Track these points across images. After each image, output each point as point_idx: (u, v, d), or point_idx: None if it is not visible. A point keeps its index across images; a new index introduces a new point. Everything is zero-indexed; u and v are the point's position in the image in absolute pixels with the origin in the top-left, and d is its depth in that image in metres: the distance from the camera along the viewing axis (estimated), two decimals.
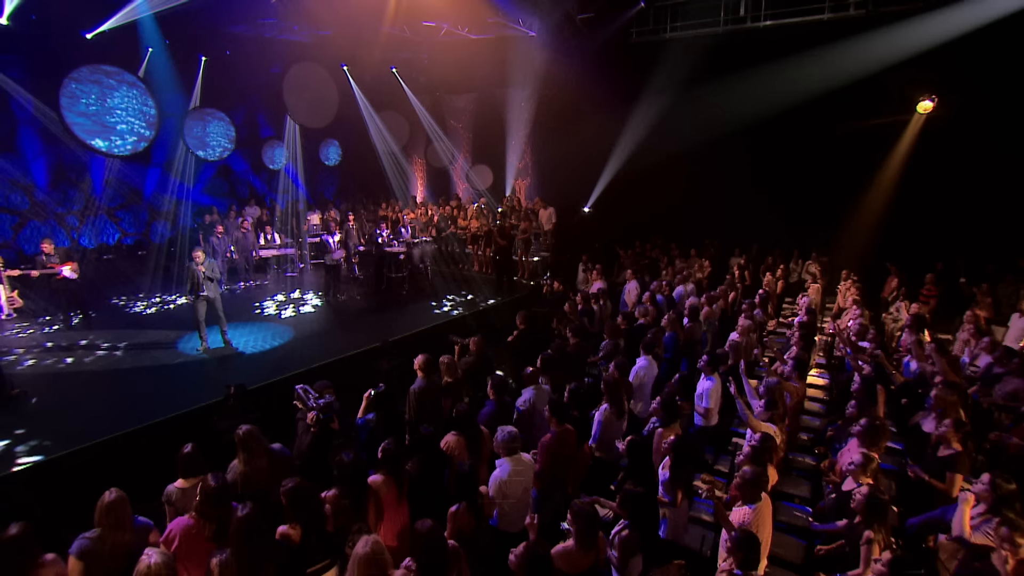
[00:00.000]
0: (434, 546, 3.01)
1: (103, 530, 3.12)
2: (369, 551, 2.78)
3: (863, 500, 3.45)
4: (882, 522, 3.41)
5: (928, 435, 4.63)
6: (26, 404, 6.07)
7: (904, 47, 9.31)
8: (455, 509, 3.43)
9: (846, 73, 9.88)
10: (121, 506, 3.18)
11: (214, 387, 6.20)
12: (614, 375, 5.01)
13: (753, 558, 3.09)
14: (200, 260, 7.34)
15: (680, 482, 3.98)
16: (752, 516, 3.48)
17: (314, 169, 16.26)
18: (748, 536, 3.09)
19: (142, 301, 9.93)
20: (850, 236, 10.89)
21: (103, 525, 3.12)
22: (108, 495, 3.17)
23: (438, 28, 13.85)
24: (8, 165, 10.63)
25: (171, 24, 10.98)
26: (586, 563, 3.17)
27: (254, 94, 13.31)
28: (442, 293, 10.91)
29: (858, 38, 9.68)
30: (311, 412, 4.40)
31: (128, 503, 3.21)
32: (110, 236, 12.09)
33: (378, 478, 3.68)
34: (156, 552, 2.70)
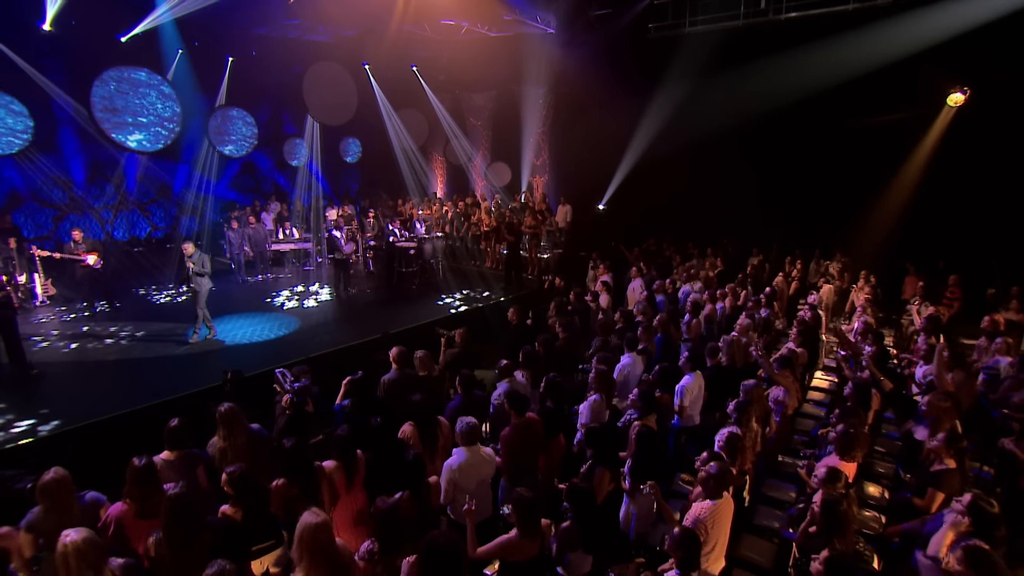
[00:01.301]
0: (392, 522, 3.08)
1: (42, 509, 3.21)
2: (319, 523, 2.84)
3: (819, 510, 3.31)
4: (841, 535, 3.26)
5: (920, 443, 4.41)
6: (39, 383, 6.45)
7: (934, 34, 8.82)
8: (399, 496, 3.48)
9: (871, 62, 9.42)
10: (57, 487, 3.24)
11: (216, 373, 6.45)
12: (602, 368, 4.98)
13: (694, 558, 3.02)
14: (188, 253, 7.58)
15: (642, 472, 3.92)
16: (709, 512, 3.40)
17: (337, 166, 16.67)
18: (688, 535, 3.02)
19: (165, 292, 10.40)
20: (873, 235, 10.42)
21: (42, 505, 3.21)
22: (47, 475, 3.24)
23: (458, 27, 13.97)
24: (49, 162, 11.29)
25: (200, 27, 11.45)
26: (530, 552, 3.17)
27: (278, 93, 13.74)
28: (451, 288, 11.01)
29: (885, 24, 9.21)
30: (286, 395, 4.54)
31: (68, 483, 3.27)
32: (141, 230, 12.71)
33: (330, 464, 3.77)
34: (74, 531, 2.70)
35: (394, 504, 3.13)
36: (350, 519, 3.72)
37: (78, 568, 2.63)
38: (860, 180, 10.63)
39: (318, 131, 14.69)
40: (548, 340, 6.14)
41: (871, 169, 10.52)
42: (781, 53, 10.13)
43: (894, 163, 10.44)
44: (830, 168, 10.72)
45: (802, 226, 11.14)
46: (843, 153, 10.51)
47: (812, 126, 10.59)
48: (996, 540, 3.20)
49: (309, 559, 2.74)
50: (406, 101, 15.72)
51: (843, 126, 10.35)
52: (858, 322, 6.93)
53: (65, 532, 2.73)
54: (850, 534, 3.32)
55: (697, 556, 3.03)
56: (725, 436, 4.09)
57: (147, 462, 3.48)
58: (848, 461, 4.06)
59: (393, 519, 3.10)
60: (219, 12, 10.91)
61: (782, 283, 9.15)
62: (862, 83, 9.59)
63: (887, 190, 10.50)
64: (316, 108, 13.29)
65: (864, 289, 8.51)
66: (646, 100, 12.59)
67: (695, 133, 11.40)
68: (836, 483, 3.64)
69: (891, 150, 10.35)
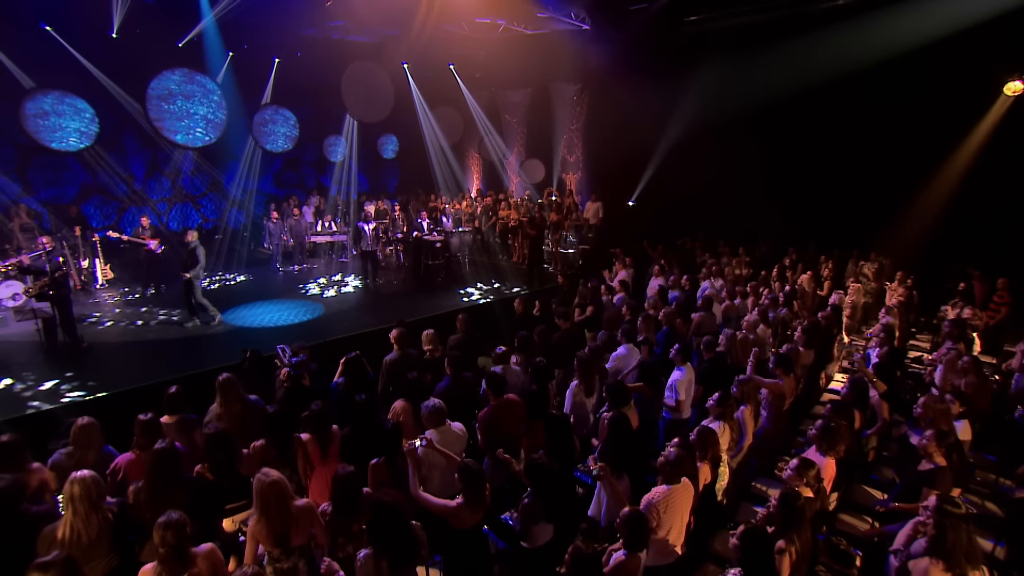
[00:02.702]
0: (347, 489, 3.29)
1: (74, 448, 3.68)
2: (276, 481, 3.08)
3: (776, 505, 3.24)
4: (798, 531, 3.18)
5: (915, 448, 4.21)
6: (87, 355, 7.12)
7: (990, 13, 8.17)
8: (374, 462, 3.68)
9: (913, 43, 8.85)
10: (92, 429, 3.75)
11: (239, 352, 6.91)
12: (585, 355, 5.02)
13: (640, 538, 3.05)
14: (189, 240, 8.23)
15: (609, 458, 3.95)
16: (663, 496, 3.41)
17: (377, 162, 17.25)
18: (634, 516, 3.05)
19: (207, 278, 11.14)
20: (914, 234, 9.82)
21: (75, 443, 3.69)
22: (81, 420, 3.74)
23: (495, 25, 14.18)
24: (114, 160, 12.30)
25: (249, 30, 12.19)
26: (473, 520, 3.29)
27: (320, 92, 14.35)
28: (474, 281, 11.23)
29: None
30: (284, 369, 4.84)
31: (94, 430, 3.76)
32: (192, 221, 13.61)
33: (305, 436, 4.02)
34: (83, 472, 3.06)
35: (349, 473, 3.31)
36: (325, 487, 3.94)
37: (81, 503, 2.99)
38: (903, 176, 10.05)
39: (356, 128, 15.25)
40: (545, 330, 6.21)
41: (915, 164, 9.92)
42: (821, 37, 9.70)
43: (939, 157, 9.80)
44: (871, 164, 10.20)
45: (841, 226, 10.65)
46: (886, 146, 9.96)
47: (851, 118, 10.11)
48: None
49: (260, 511, 2.99)
50: (443, 99, 16.08)
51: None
52: (880, 323, 6.62)
53: (74, 472, 3.10)
54: (807, 533, 3.22)
55: (644, 536, 3.06)
56: (697, 430, 4.07)
57: (152, 417, 3.88)
58: (830, 457, 3.95)
59: (348, 486, 3.29)
60: (269, 16, 11.62)
61: (808, 282, 8.81)
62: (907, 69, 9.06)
63: (931, 186, 9.88)
64: (354, 106, 13.86)
65: (898, 291, 8.08)
66: (680, 95, 12.36)
67: (730, 128, 11.14)
68: (807, 473, 3.55)
69: (938, 143, 9.72)
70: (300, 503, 3.15)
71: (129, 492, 3.32)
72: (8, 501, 3.08)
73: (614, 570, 3.00)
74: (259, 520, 3.02)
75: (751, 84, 10.79)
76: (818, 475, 3.62)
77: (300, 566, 3.08)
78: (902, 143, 9.73)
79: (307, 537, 3.14)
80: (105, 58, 11.05)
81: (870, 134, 10.10)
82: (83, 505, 3.00)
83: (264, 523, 3.01)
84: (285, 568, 3.08)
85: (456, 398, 4.78)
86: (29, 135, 10.37)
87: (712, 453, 4.00)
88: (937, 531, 2.89)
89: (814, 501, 3.57)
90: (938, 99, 9.21)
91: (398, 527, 2.80)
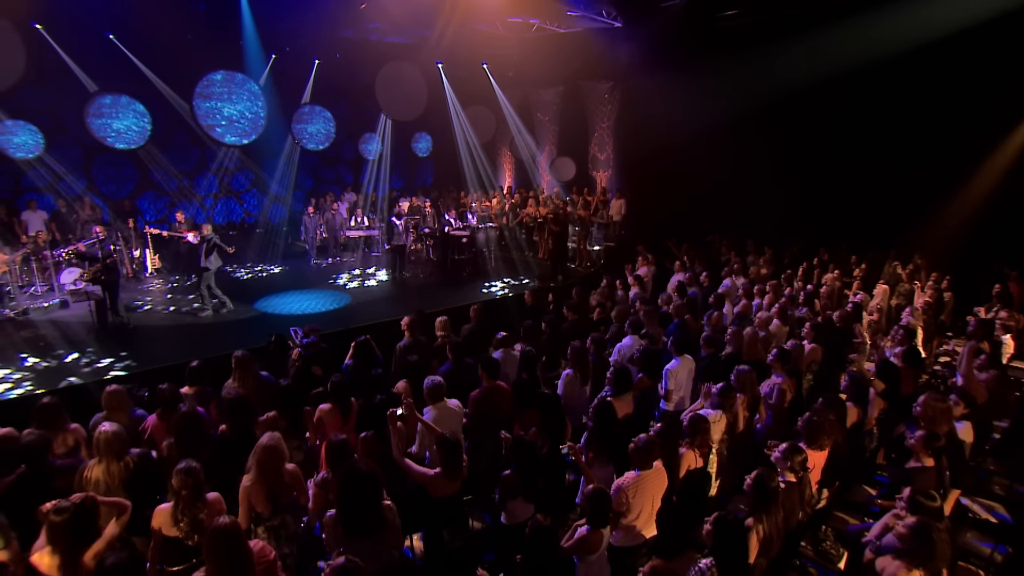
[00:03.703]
0: (339, 455, 3.54)
1: (106, 411, 4.10)
2: (271, 442, 3.36)
3: (751, 485, 3.28)
4: (767, 511, 3.21)
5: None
6: (132, 334, 7.76)
7: None
8: (363, 435, 3.91)
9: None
10: (120, 395, 4.19)
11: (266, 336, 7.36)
12: (579, 345, 5.13)
13: (602, 515, 3.16)
14: (205, 233, 8.67)
15: (595, 444, 4.06)
16: (632, 481, 3.50)
17: (411, 160, 17.70)
18: (598, 493, 3.16)
19: (244, 270, 11.81)
20: (956, 236, 9.35)
21: (107, 407, 4.11)
22: (110, 387, 4.17)
23: (528, 24, 14.35)
24: (167, 157, 13.17)
25: (291, 33, 12.81)
26: (450, 489, 3.48)
27: (357, 91, 14.88)
28: (498, 276, 11.44)
29: None
30: (296, 349, 5.17)
31: (122, 396, 4.19)
32: (236, 215, 14.41)
33: (326, 406, 4.31)
34: (107, 424, 3.54)
35: (341, 441, 3.56)
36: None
37: (105, 452, 3.44)
38: (944, 172, 9.59)
39: (390, 127, 15.72)
40: (554, 321, 6.33)
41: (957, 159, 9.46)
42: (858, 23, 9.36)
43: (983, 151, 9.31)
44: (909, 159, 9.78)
45: (878, 225, 10.26)
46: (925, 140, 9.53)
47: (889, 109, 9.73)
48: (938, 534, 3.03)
49: (256, 469, 3.27)
50: (475, 98, 16.34)
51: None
52: (901, 323, 6.40)
53: (102, 425, 3.56)
54: (778, 515, 3.24)
55: (605, 514, 3.16)
56: (690, 417, 4.12)
57: (170, 387, 4.28)
58: (815, 450, 3.92)
59: (343, 453, 3.54)
60: (309, 19, 12.19)
61: (833, 281, 8.55)
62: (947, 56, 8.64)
63: (973, 182, 9.40)
64: (387, 105, 14.26)
65: (927, 292, 7.76)
66: (711, 90, 12.17)
67: (761, 124, 10.97)
68: (793, 458, 3.56)
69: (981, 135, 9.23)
70: (289, 467, 3.42)
71: (163, 447, 3.73)
72: (34, 454, 3.49)
73: (576, 543, 3.13)
74: (256, 480, 3.30)
75: (783, 76, 10.50)
76: (804, 462, 3.62)
77: (287, 520, 3.37)
78: (943, 136, 9.29)
79: (290, 498, 3.40)
80: (159, 63, 11.86)
81: (909, 127, 9.66)
82: (107, 454, 3.42)
83: (260, 483, 3.29)
84: (275, 525, 3.37)
85: (457, 382, 4.98)
86: (92, 135, 11.26)
87: (701, 440, 4.04)
88: (908, 532, 2.85)
89: (797, 486, 3.57)
90: (982, 88, 8.76)
91: (362, 498, 2.98)
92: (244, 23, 11.82)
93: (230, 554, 2.60)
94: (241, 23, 11.83)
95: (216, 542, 2.59)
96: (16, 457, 3.50)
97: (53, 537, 2.74)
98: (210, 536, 2.61)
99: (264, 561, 2.85)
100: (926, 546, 2.74)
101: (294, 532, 3.41)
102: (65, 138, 11.70)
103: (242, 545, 2.65)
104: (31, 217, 10.71)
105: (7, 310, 8.51)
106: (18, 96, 9.96)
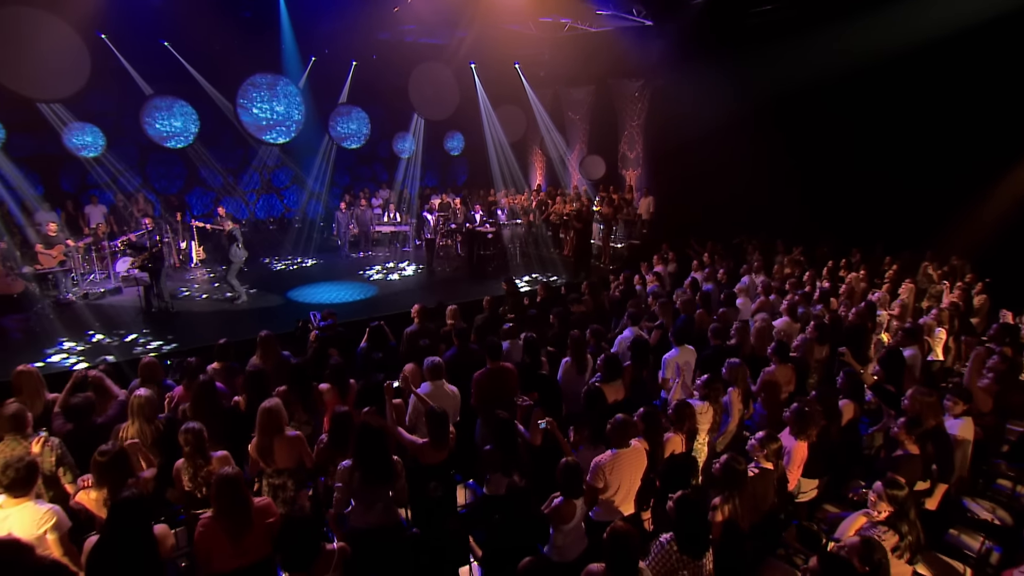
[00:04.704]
0: (340, 425, 3.87)
1: (141, 380, 4.58)
2: (271, 407, 3.72)
3: (719, 468, 3.40)
4: (733, 491, 3.33)
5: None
6: (175, 318, 8.43)
7: None
8: (366, 410, 4.23)
9: None
10: (154, 366, 4.67)
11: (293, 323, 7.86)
12: (577, 334, 5.32)
13: (574, 487, 3.34)
14: (228, 227, 9.25)
15: (585, 428, 4.24)
16: (609, 459, 3.66)
17: (446, 159, 18.15)
18: (570, 466, 3.34)
19: (281, 261, 12.47)
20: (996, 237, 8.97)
21: (141, 376, 4.59)
22: (145, 359, 4.63)
23: (560, 24, 14.52)
24: (213, 155, 14.03)
25: (330, 36, 13.40)
26: (437, 457, 3.75)
27: (391, 92, 15.40)
28: (522, 271, 11.67)
29: None
30: (314, 331, 5.57)
31: (159, 366, 4.67)
32: (276, 210, 15.18)
33: (325, 386, 4.66)
34: (141, 389, 4.00)
35: (343, 412, 3.87)
36: None
37: (138, 415, 3.89)
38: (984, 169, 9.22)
39: (423, 126, 16.19)
40: (562, 312, 6.52)
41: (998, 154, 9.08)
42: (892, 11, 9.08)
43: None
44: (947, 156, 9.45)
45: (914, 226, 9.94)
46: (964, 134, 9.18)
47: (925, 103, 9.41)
48: (908, 523, 3.08)
49: (260, 430, 3.63)
50: (507, 97, 16.61)
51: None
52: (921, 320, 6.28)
53: (136, 391, 4.01)
54: (747, 497, 3.35)
55: (577, 486, 3.35)
56: (676, 403, 4.25)
57: (198, 361, 4.72)
58: (801, 440, 3.98)
59: (343, 423, 3.85)
60: (348, 23, 12.74)
61: (856, 281, 8.38)
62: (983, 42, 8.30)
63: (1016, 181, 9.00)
64: (420, 105, 14.71)
65: (955, 293, 7.52)
66: (742, 88, 12.01)
67: (793, 122, 10.81)
68: (768, 446, 3.65)
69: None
70: (291, 433, 3.77)
71: (179, 411, 4.15)
72: (81, 412, 3.98)
73: (551, 512, 3.33)
74: (259, 439, 3.67)
75: (815, 70, 10.21)
76: (780, 451, 3.71)
77: (288, 483, 3.72)
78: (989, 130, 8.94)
79: (296, 461, 3.74)
80: (207, 67, 12.66)
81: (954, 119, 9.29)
82: (139, 416, 3.87)
83: (262, 441, 3.66)
84: (276, 484, 3.72)
85: (461, 365, 5.25)
86: (147, 135, 12.14)
87: (688, 426, 4.17)
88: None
89: (771, 474, 3.66)
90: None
91: (376, 449, 3.31)
92: (283, 29, 12.48)
93: (232, 499, 2.94)
94: (280, 29, 12.49)
95: (220, 488, 2.93)
96: (66, 415, 4.01)
97: (98, 474, 3.19)
98: (215, 483, 2.96)
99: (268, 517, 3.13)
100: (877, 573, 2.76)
101: (292, 497, 3.75)
102: (123, 138, 12.64)
103: (243, 493, 2.99)
104: (93, 211, 11.66)
105: (70, 294, 9.36)
106: (83, 100, 10.85)
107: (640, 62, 14.14)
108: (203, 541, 2.96)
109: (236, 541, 2.98)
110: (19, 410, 3.60)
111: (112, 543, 2.75)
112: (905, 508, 3.10)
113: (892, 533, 3.09)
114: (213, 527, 2.97)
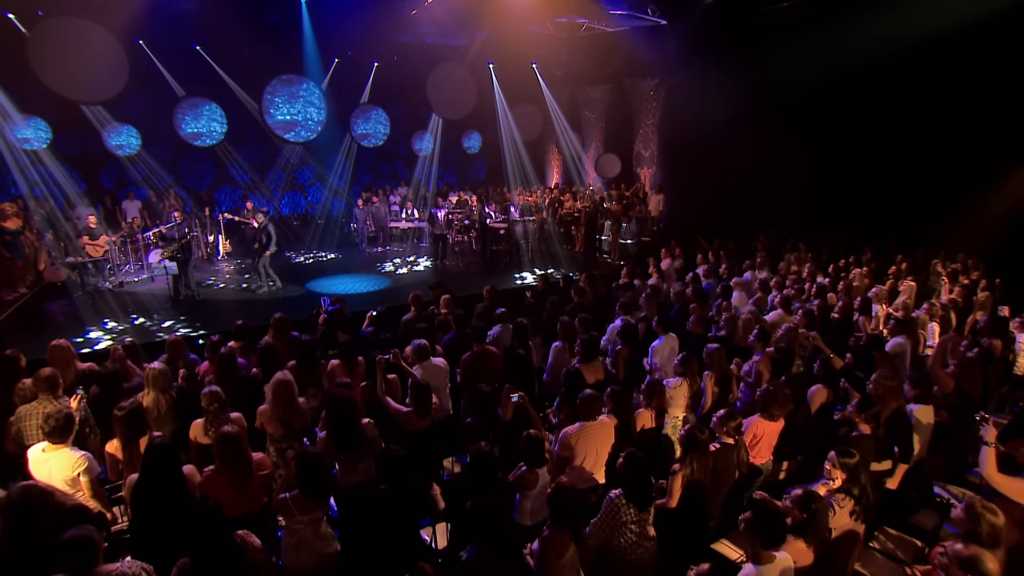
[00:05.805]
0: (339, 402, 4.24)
1: (168, 355, 5.05)
2: (282, 379, 4.12)
3: (682, 435, 3.66)
4: (694, 455, 3.59)
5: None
6: (201, 305, 9.01)
7: None
8: (362, 385, 4.60)
9: None
10: (179, 344, 5.15)
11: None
12: (568, 320, 5.61)
13: (537, 457, 3.63)
14: (259, 222, 9.75)
15: (565, 406, 4.53)
16: (576, 431, 3.95)
17: (464, 157, 18.55)
18: (531, 438, 3.61)
19: (303, 255, 13.04)
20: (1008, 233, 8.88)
21: (168, 352, 5.07)
22: (171, 336, 5.10)
23: (578, 24, 14.75)
24: (241, 154, 14.71)
25: (352, 38, 13.92)
26: (420, 424, 4.10)
27: (412, 91, 15.85)
28: (532, 266, 11.98)
29: None
30: (322, 315, 6.00)
31: (183, 344, 5.15)
32: (300, 207, 15.81)
33: (335, 362, 5.04)
34: (157, 362, 4.47)
35: (346, 383, 4.25)
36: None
37: (154, 385, 4.31)
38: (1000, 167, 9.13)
39: (441, 125, 16.61)
40: (558, 302, 6.80)
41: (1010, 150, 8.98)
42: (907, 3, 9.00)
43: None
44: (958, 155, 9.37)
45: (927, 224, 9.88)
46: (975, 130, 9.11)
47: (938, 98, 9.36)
48: (860, 487, 3.31)
49: (271, 398, 4.04)
50: (524, 96, 16.90)
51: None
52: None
53: (154, 363, 4.43)
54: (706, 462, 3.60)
55: (540, 456, 3.63)
56: (648, 380, 4.53)
57: (221, 338, 5.17)
58: (767, 420, 4.19)
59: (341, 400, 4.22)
60: (369, 25, 13.24)
61: (860, 278, 8.42)
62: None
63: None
64: (438, 104, 15.12)
65: (955, 290, 7.52)
66: (755, 85, 12.05)
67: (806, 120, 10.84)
68: (727, 424, 3.89)
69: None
70: (300, 401, 4.17)
71: (206, 381, 4.66)
72: (112, 379, 4.48)
73: (516, 480, 3.63)
74: (270, 406, 4.09)
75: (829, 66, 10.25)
76: (739, 427, 3.95)
77: (296, 446, 4.12)
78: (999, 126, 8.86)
79: (302, 426, 4.14)
80: (235, 69, 13.32)
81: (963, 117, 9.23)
82: (155, 386, 4.30)
83: (273, 409, 4.07)
84: (283, 448, 4.12)
85: (458, 350, 5.60)
86: (179, 134, 12.84)
87: (656, 403, 4.44)
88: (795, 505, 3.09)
89: (732, 448, 3.89)
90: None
91: (343, 418, 3.67)
92: (305, 31, 13.04)
93: (234, 453, 3.35)
94: (302, 31, 13.06)
95: (223, 443, 3.34)
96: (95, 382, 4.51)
97: (118, 427, 3.65)
98: (219, 439, 3.36)
99: (263, 470, 3.55)
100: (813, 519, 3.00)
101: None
102: (158, 137, 13.38)
103: (243, 448, 3.39)
104: (129, 206, 12.43)
105: (107, 283, 10.06)
106: (122, 102, 11.57)
107: (655, 61, 14.27)
108: (208, 490, 3.37)
109: (241, 491, 3.38)
110: (53, 374, 4.09)
111: (149, 479, 3.21)
112: (856, 473, 3.34)
113: (848, 499, 3.33)
114: (216, 479, 3.38)
